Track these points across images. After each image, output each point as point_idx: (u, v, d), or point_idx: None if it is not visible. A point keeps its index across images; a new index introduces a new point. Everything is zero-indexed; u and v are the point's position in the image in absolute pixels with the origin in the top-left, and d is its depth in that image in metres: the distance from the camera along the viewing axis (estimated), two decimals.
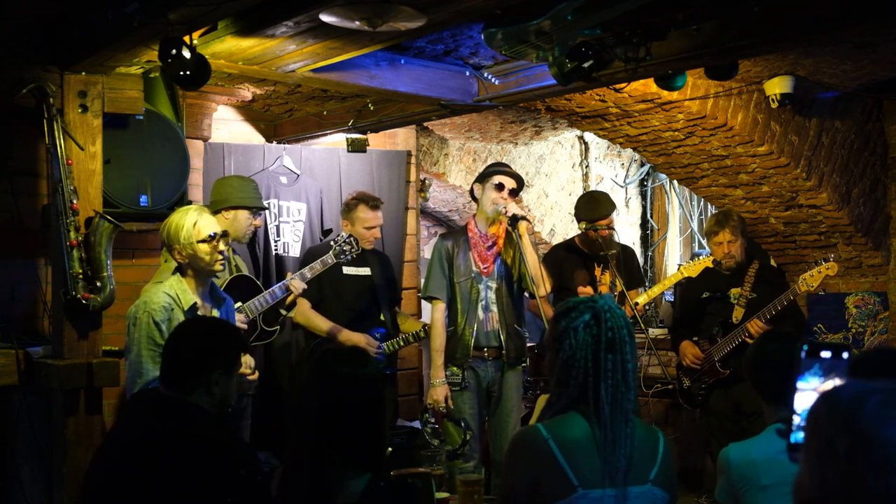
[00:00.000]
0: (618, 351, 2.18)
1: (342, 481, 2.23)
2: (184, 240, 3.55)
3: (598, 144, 7.65)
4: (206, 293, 3.67)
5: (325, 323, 4.85)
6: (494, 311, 4.53)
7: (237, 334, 2.91)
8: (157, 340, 3.40)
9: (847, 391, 1.23)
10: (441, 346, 4.50)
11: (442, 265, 4.55)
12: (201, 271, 3.61)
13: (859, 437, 1.16)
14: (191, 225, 3.55)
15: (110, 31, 3.47)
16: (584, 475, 2.15)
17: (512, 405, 4.57)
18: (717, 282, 5.07)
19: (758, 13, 3.24)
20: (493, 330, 4.52)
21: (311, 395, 2.34)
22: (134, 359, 3.44)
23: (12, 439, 4.23)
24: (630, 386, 2.21)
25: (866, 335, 5.74)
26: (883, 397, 1.19)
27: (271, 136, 5.79)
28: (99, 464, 2.67)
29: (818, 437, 1.22)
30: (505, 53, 3.82)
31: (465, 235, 4.61)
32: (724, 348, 4.91)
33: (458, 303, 4.53)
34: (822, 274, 4.74)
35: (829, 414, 1.22)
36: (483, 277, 4.54)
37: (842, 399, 1.22)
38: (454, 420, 4.35)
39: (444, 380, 4.45)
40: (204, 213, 3.66)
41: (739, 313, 4.88)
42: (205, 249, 3.56)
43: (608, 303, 2.24)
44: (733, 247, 4.98)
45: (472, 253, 4.55)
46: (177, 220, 3.59)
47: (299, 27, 3.37)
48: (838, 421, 1.20)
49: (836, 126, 5.43)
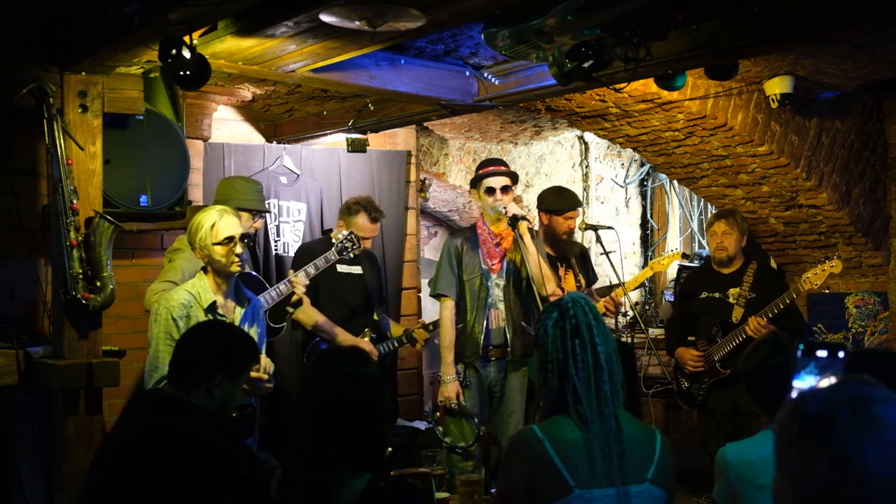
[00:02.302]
0: (584, 335, 2.24)
1: (342, 481, 2.23)
2: (200, 240, 3.61)
3: (598, 144, 7.64)
4: (230, 292, 3.70)
5: (322, 319, 4.85)
6: (501, 308, 4.55)
7: (250, 344, 2.91)
8: (173, 335, 3.47)
9: (814, 404, 1.22)
10: (451, 343, 4.51)
11: (451, 262, 4.58)
12: (218, 272, 3.64)
13: (837, 462, 1.16)
14: (209, 226, 3.60)
15: (110, 31, 3.46)
16: (580, 475, 2.15)
17: (513, 406, 4.57)
18: (715, 282, 5.06)
19: (758, 13, 3.24)
20: (500, 328, 4.53)
21: (311, 395, 2.34)
22: (152, 353, 3.52)
23: (12, 439, 4.23)
24: (603, 368, 2.23)
25: (866, 335, 5.74)
26: (852, 410, 1.18)
27: (271, 136, 5.79)
28: (99, 463, 2.67)
29: (792, 457, 1.21)
30: (505, 53, 3.82)
31: (473, 233, 4.64)
32: (723, 348, 4.90)
33: (467, 300, 4.55)
34: (826, 272, 4.73)
35: (801, 433, 1.21)
36: (491, 275, 4.56)
37: (811, 414, 1.21)
38: (467, 416, 4.35)
39: (454, 376, 4.46)
40: (226, 214, 3.67)
41: (739, 313, 4.88)
42: (220, 251, 3.60)
43: (572, 296, 2.33)
44: (727, 239, 4.98)
45: (481, 250, 4.58)
46: (198, 220, 3.65)
47: (299, 27, 3.37)
48: (811, 442, 1.19)
49: (836, 126, 5.43)
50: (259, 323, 3.86)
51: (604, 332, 2.28)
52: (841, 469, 1.15)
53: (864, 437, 1.16)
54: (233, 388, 2.73)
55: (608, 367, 2.24)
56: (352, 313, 4.97)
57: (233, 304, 3.71)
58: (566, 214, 5.14)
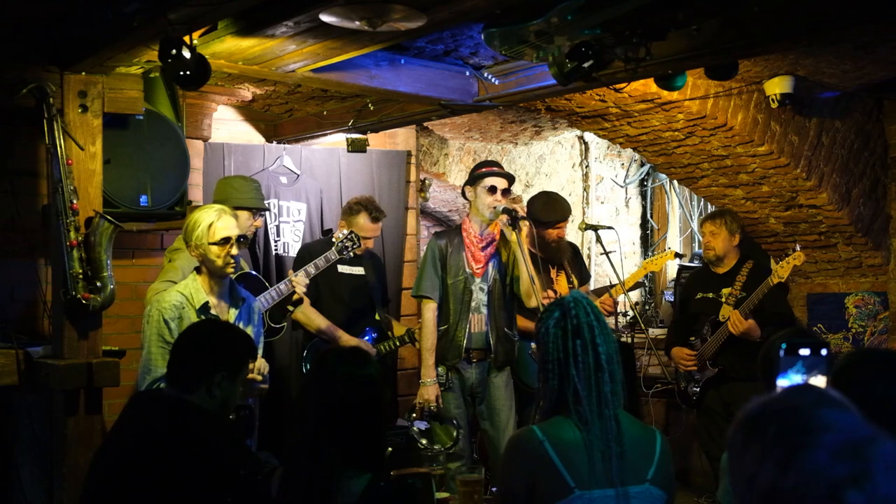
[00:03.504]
0: (585, 335, 2.24)
1: (342, 481, 2.23)
2: (196, 239, 3.60)
3: (598, 144, 7.64)
4: (224, 293, 3.69)
5: (325, 323, 4.85)
6: (485, 312, 4.51)
7: (247, 342, 2.90)
8: (165, 338, 3.47)
9: (758, 410, 1.24)
10: (432, 346, 4.47)
11: (434, 264, 4.53)
12: (212, 272, 3.63)
13: (781, 463, 1.18)
14: (206, 226, 3.59)
15: (110, 31, 3.46)
16: (581, 476, 2.15)
17: (500, 404, 4.55)
18: (710, 282, 5.12)
19: (758, 13, 3.23)
20: (482, 332, 4.51)
21: (311, 395, 2.34)
22: (145, 355, 3.52)
23: (12, 439, 4.23)
24: (604, 369, 2.23)
25: (866, 335, 5.73)
26: (794, 413, 1.20)
27: (271, 136, 5.79)
28: (100, 463, 2.68)
29: (743, 464, 1.23)
30: (505, 53, 3.82)
31: (459, 235, 4.59)
32: (712, 346, 4.96)
33: (450, 303, 4.51)
34: (791, 264, 4.75)
35: (747, 439, 1.23)
36: (476, 278, 4.51)
37: (757, 421, 1.23)
38: (444, 420, 4.34)
39: (434, 379, 4.44)
40: (224, 214, 3.66)
41: (727, 311, 4.91)
42: (215, 252, 3.59)
43: (574, 296, 2.32)
44: (713, 239, 5.04)
45: (466, 253, 4.53)
46: (195, 218, 3.64)
47: (299, 27, 3.37)
48: (757, 447, 1.21)
49: (836, 126, 5.43)
50: (255, 323, 3.84)
51: (605, 333, 2.28)
52: (786, 470, 1.16)
53: (806, 440, 1.17)
54: (233, 387, 2.73)
55: (609, 367, 2.24)
56: (353, 314, 4.97)
57: (226, 305, 3.69)
58: (556, 226, 5.09)
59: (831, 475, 1.13)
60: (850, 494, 1.11)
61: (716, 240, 5.04)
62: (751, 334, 4.76)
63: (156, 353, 3.45)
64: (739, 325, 4.77)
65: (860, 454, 1.13)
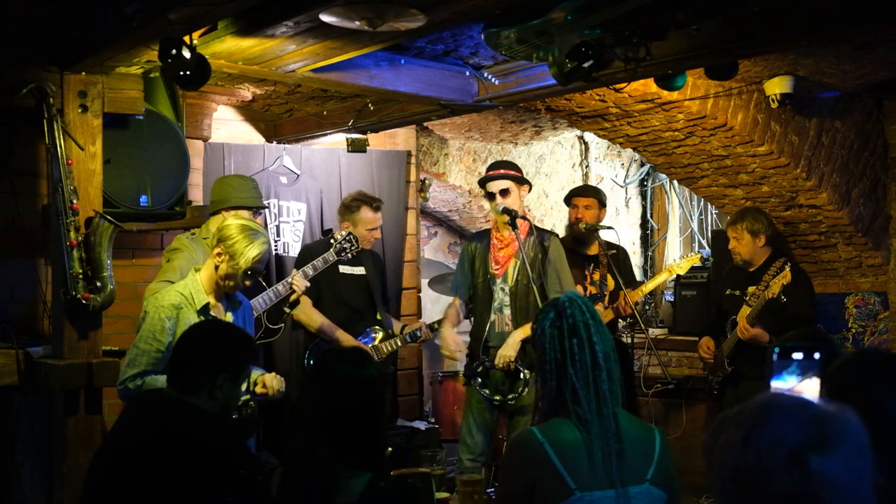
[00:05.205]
0: (581, 334, 2.24)
1: (342, 481, 2.23)
2: (234, 253, 3.51)
3: (598, 144, 7.64)
4: (221, 295, 3.68)
5: (326, 323, 4.85)
6: (507, 313, 4.56)
7: (249, 344, 2.90)
8: (157, 336, 3.43)
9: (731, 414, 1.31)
10: (451, 318, 4.69)
11: (463, 266, 4.73)
12: (219, 283, 3.60)
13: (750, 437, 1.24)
14: (251, 255, 3.51)
15: (110, 31, 3.46)
16: (581, 477, 2.15)
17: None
18: (740, 280, 5.09)
19: (758, 13, 3.23)
20: (503, 332, 4.54)
21: (311, 395, 2.34)
22: (131, 349, 3.49)
23: (12, 439, 4.23)
24: (602, 368, 2.23)
25: (866, 335, 5.73)
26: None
27: (271, 136, 5.79)
28: (100, 463, 2.68)
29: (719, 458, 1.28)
30: (505, 53, 3.82)
31: (488, 237, 4.71)
32: (729, 345, 4.97)
33: (478, 303, 4.64)
34: (779, 283, 4.71)
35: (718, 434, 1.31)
36: (496, 279, 4.59)
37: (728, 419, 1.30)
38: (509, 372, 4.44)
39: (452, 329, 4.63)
40: (265, 248, 3.60)
41: (746, 311, 4.90)
42: (242, 277, 3.56)
43: (570, 295, 2.32)
44: (738, 245, 5.02)
45: (490, 254, 4.63)
46: (240, 237, 3.53)
47: (299, 27, 3.37)
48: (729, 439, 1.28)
49: (836, 126, 5.43)
50: (249, 326, 3.84)
51: (601, 331, 2.28)
52: (746, 445, 1.23)
53: (765, 418, 1.24)
54: (234, 389, 2.73)
55: (606, 366, 2.24)
56: (354, 314, 4.96)
57: (223, 307, 3.68)
58: (572, 201, 5.34)
59: (790, 441, 1.19)
60: (811, 458, 1.17)
61: (740, 245, 5.00)
62: (758, 340, 4.77)
63: (144, 349, 3.42)
64: (746, 332, 4.80)
65: (817, 422, 1.20)
